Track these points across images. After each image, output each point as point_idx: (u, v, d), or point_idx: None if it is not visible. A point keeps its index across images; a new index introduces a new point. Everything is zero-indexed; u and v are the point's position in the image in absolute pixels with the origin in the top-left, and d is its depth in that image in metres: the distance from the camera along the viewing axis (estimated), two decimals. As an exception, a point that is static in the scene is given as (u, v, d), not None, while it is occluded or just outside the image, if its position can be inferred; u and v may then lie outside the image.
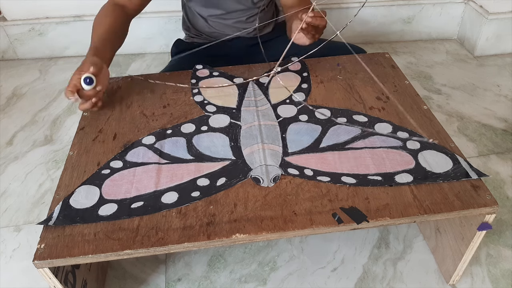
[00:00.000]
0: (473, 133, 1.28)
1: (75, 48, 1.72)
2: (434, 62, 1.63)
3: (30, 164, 1.22)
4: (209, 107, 0.91)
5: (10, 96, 1.52)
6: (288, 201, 0.70)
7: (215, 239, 0.65)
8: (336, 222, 0.66)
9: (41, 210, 1.09)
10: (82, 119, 0.90)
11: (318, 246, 0.97)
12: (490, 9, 1.56)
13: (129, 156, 0.80)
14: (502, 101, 1.41)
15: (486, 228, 0.73)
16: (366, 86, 0.96)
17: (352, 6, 1.67)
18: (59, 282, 0.69)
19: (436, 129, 0.83)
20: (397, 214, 0.67)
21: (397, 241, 0.98)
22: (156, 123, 0.87)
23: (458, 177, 0.73)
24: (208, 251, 0.97)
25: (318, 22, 0.85)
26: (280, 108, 0.90)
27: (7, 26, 1.65)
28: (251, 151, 0.79)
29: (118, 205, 0.70)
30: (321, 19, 0.85)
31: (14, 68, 1.68)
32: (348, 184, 0.72)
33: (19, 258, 0.98)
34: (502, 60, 1.62)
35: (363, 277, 0.91)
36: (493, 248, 0.96)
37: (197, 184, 0.73)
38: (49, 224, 0.67)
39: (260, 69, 1.03)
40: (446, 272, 0.88)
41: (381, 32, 1.75)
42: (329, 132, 0.83)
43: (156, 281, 0.92)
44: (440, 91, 1.47)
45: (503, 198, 1.07)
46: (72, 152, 0.82)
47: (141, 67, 1.66)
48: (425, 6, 1.69)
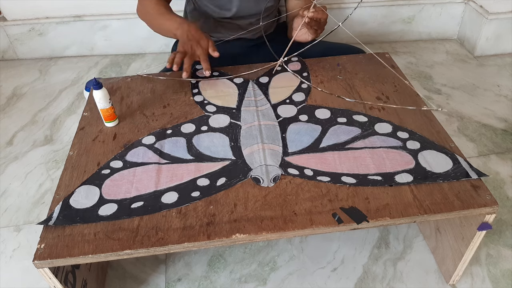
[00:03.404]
0: (473, 133, 1.28)
1: (75, 48, 1.72)
2: (434, 62, 1.63)
3: (30, 164, 1.22)
4: (209, 107, 0.91)
5: (10, 96, 1.52)
6: (288, 201, 0.70)
7: (215, 239, 0.65)
8: (336, 222, 0.66)
9: (41, 210, 1.09)
10: (82, 119, 0.90)
11: (318, 246, 0.97)
12: (490, 9, 1.56)
13: (129, 156, 0.80)
14: (502, 101, 1.41)
15: (486, 228, 0.73)
16: (366, 86, 0.96)
17: (352, 6, 1.67)
18: (59, 282, 0.69)
19: (436, 129, 0.83)
20: (397, 214, 0.67)
21: (397, 241, 0.98)
22: (156, 123, 0.87)
23: (458, 177, 0.73)
24: (208, 251, 0.97)
25: (320, 15, 0.89)
26: (280, 108, 0.90)
27: (7, 26, 1.65)
28: (251, 151, 0.79)
29: (118, 205, 0.70)
30: (323, 13, 0.89)
31: (14, 68, 1.68)
32: (348, 184, 0.72)
33: (19, 258, 0.98)
34: (502, 60, 1.62)
35: (363, 277, 0.91)
36: (493, 248, 0.96)
37: (197, 184, 0.73)
38: (49, 224, 0.67)
39: (260, 69, 1.03)
40: (446, 272, 0.88)
41: (381, 32, 1.75)
42: (329, 132, 0.83)
43: (156, 281, 0.92)
44: (440, 91, 1.47)
45: (503, 198, 1.07)
46: (72, 152, 0.82)
47: (141, 67, 1.66)
48: (425, 6, 1.69)
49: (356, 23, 1.70)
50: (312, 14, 0.88)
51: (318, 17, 0.90)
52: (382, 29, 1.74)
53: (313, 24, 0.92)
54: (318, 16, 0.89)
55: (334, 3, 1.65)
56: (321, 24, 0.94)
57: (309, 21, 0.90)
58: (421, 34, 1.77)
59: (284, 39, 1.11)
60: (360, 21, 1.70)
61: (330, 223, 0.66)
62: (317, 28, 0.95)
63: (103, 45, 1.71)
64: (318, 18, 0.90)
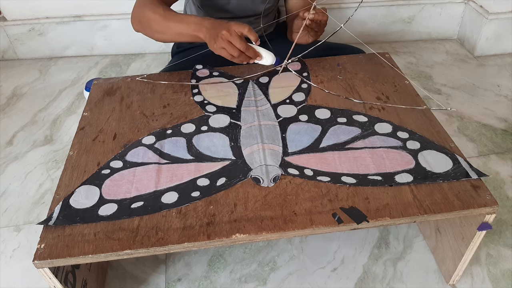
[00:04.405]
0: (473, 133, 1.28)
1: (75, 48, 1.72)
2: (434, 62, 1.63)
3: (30, 164, 1.22)
4: (209, 107, 0.91)
5: (10, 96, 1.52)
6: (288, 201, 0.70)
7: (215, 239, 0.65)
8: (336, 222, 0.66)
9: (41, 210, 1.09)
10: (82, 119, 0.90)
11: (318, 246, 0.97)
12: (490, 9, 1.56)
13: (129, 156, 0.80)
14: (502, 101, 1.41)
15: (486, 228, 0.73)
16: (366, 86, 0.96)
17: (352, 6, 1.67)
18: (59, 282, 0.69)
19: (436, 129, 0.83)
20: (397, 214, 0.67)
21: (397, 241, 0.98)
22: (156, 123, 0.87)
23: (458, 177, 0.73)
24: (208, 251, 0.97)
25: (320, 17, 0.88)
26: (280, 108, 0.90)
27: (7, 26, 1.65)
28: (251, 151, 0.79)
29: (118, 205, 0.70)
30: (323, 14, 0.89)
31: (14, 68, 1.68)
32: (348, 184, 0.72)
33: (19, 258, 0.98)
34: (502, 60, 1.62)
35: (363, 277, 0.91)
36: (493, 248, 0.96)
37: (197, 184, 0.73)
38: (49, 224, 0.67)
39: (260, 69, 1.03)
40: (446, 272, 0.88)
41: (381, 32, 1.75)
42: (329, 132, 0.83)
43: (156, 281, 0.92)
44: (440, 91, 1.47)
45: (503, 198, 1.07)
46: (72, 152, 0.82)
47: (141, 67, 1.66)
48: (425, 6, 1.69)
49: (356, 23, 1.70)
50: (313, 16, 0.88)
51: (319, 19, 0.89)
52: (382, 29, 1.74)
53: (313, 26, 0.91)
54: (318, 18, 0.88)
55: (334, 3, 1.65)
56: (321, 26, 0.94)
57: (309, 23, 0.90)
58: (421, 34, 1.77)
59: (284, 38, 1.11)
60: (360, 21, 1.71)
61: (330, 223, 0.66)
62: (318, 30, 0.95)
63: (103, 45, 1.71)
64: (319, 20, 0.89)
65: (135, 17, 0.96)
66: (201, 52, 0.98)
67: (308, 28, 0.91)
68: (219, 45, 0.82)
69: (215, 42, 0.83)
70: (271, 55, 0.87)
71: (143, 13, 0.92)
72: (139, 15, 0.94)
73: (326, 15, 0.90)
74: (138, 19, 0.95)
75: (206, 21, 0.86)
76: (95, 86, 1.01)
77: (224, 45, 0.82)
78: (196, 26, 0.87)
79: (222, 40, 0.81)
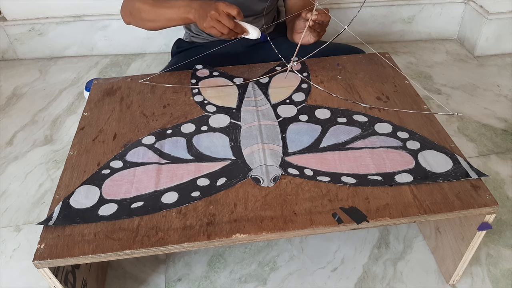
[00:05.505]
0: (473, 133, 1.28)
1: (75, 48, 1.72)
2: (434, 62, 1.63)
3: (30, 164, 1.22)
4: (209, 107, 0.91)
5: (10, 96, 1.52)
6: (288, 201, 0.70)
7: (215, 239, 0.65)
8: (336, 222, 0.66)
9: (41, 210, 1.09)
10: (82, 119, 0.90)
11: (318, 246, 0.97)
12: (490, 9, 1.56)
13: (129, 156, 0.80)
14: (502, 101, 1.41)
15: (486, 228, 0.73)
16: (366, 86, 0.96)
17: (352, 6, 1.67)
18: (59, 282, 0.69)
19: (436, 129, 0.83)
20: (397, 214, 0.67)
21: (397, 241, 0.98)
22: (156, 123, 0.87)
23: (458, 177, 0.73)
24: (208, 251, 0.97)
25: (322, 18, 0.88)
26: (280, 108, 0.90)
27: (7, 26, 1.65)
28: (251, 151, 0.79)
29: (118, 205, 0.70)
30: (325, 15, 0.89)
31: (14, 68, 1.68)
32: (348, 184, 0.72)
33: (19, 258, 0.98)
34: (502, 60, 1.62)
35: (363, 277, 0.91)
36: (493, 248, 0.96)
37: (197, 184, 0.73)
38: (49, 224, 0.67)
39: (260, 69, 1.03)
40: (446, 272, 0.88)
41: (381, 32, 1.75)
42: (329, 132, 0.83)
43: (156, 281, 0.92)
44: (440, 91, 1.47)
45: (503, 198, 1.07)
46: (72, 152, 0.82)
47: (141, 67, 1.66)
48: (425, 6, 1.69)
49: (356, 23, 1.70)
50: (316, 17, 0.88)
51: (321, 20, 0.89)
52: (382, 29, 1.74)
53: (316, 27, 0.91)
54: (321, 18, 0.88)
55: (334, 3, 1.65)
56: (324, 27, 0.94)
57: (312, 24, 0.90)
58: (421, 34, 1.77)
59: (284, 38, 1.11)
60: (360, 21, 1.71)
61: (330, 223, 0.66)
62: (320, 31, 0.95)
63: (103, 45, 1.71)
64: (321, 20, 0.89)
65: (125, 9, 1.00)
66: (200, 55, 0.99)
67: (310, 29, 0.91)
68: (208, 24, 0.87)
69: (204, 22, 0.87)
70: (257, 29, 0.91)
71: (133, 4, 0.97)
72: (129, 7, 0.98)
73: (329, 15, 0.90)
74: (128, 11, 0.99)
75: (194, 3, 0.90)
76: (95, 86, 1.01)
77: (214, 24, 0.86)
78: (185, 8, 0.91)
79: (211, 19, 0.86)
